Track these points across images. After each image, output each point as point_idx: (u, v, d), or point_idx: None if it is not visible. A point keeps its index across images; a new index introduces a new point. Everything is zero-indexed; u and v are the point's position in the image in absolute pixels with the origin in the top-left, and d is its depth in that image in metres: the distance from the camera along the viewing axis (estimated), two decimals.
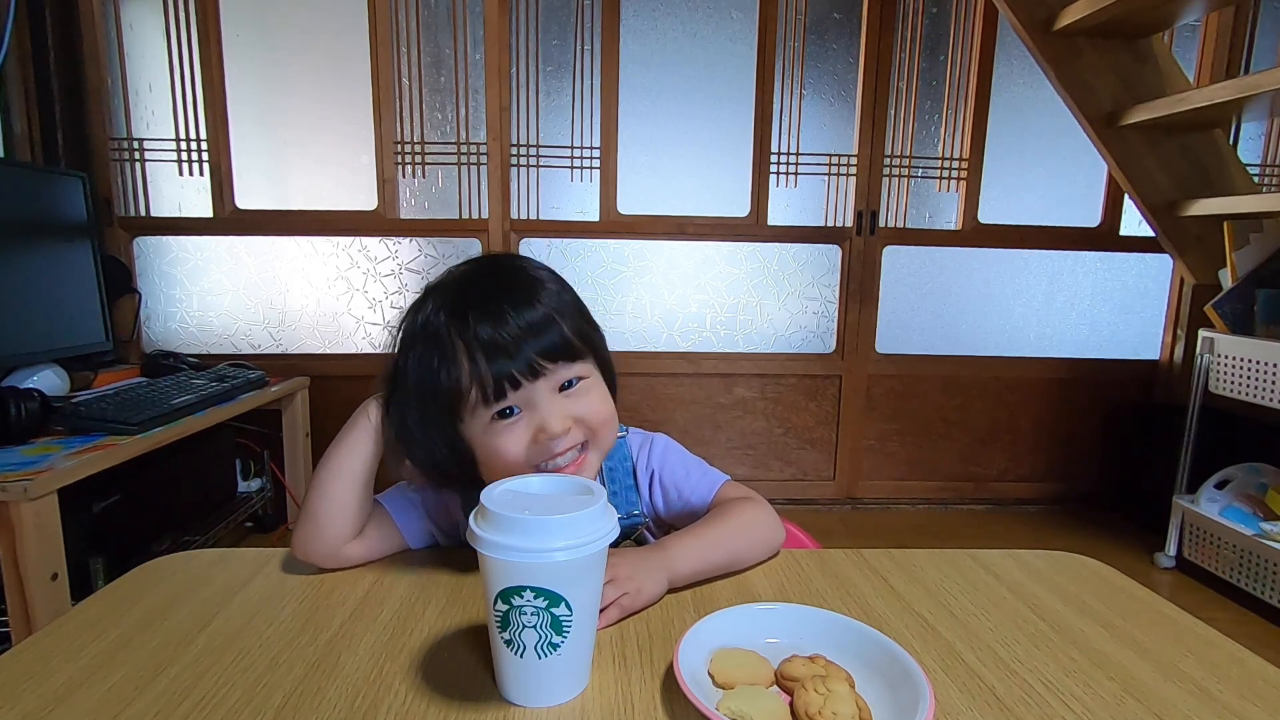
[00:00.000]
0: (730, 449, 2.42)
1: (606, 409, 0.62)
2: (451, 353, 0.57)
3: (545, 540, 0.43)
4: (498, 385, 0.57)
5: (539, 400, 0.58)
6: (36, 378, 1.52)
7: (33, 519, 1.08)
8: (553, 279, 0.63)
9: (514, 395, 0.57)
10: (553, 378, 0.59)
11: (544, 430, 0.57)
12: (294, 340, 2.29)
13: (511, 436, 0.58)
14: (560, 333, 0.59)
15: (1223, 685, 0.49)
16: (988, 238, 2.39)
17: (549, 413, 0.58)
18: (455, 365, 0.57)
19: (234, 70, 2.15)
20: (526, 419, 0.58)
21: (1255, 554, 1.73)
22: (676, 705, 0.45)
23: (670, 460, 0.73)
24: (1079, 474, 2.51)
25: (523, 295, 0.59)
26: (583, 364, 0.61)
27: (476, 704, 0.45)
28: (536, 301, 0.59)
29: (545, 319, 0.58)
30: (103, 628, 0.54)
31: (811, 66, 2.30)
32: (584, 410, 0.60)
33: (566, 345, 0.59)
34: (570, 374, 0.60)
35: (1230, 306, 1.86)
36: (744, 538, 0.65)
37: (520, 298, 0.59)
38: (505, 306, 0.57)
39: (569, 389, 0.60)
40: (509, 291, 0.59)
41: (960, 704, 0.46)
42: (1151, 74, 2.01)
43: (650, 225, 2.30)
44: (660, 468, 0.72)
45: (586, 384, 0.61)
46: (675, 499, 0.72)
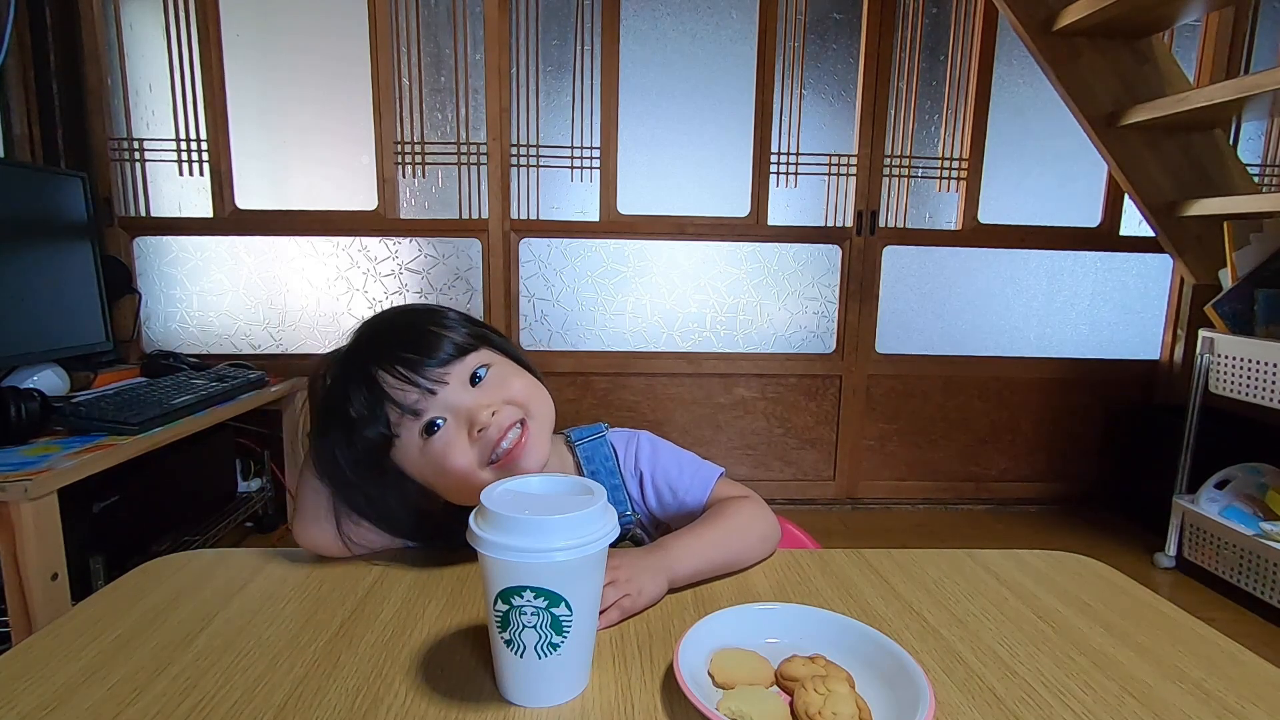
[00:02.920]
0: (730, 449, 2.42)
1: (527, 382, 0.64)
2: (363, 403, 0.59)
3: (545, 540, 0.43)
4: (413, 407, 0.58)
5: (455, 401, 0.59)
6: (36, 378, 1.52)
7: (33, 519, 1.08)
8: (430, 309, 0.65)
9: (431, 407, 0.59)
10: (456, 377, 0.60)
11: (473, 423, 0.58)
12: (294, 340, 2.29)
13: (449, 445, 0.59)
14: (446, 339, 0.61)
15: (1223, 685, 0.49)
16: (988, 238, 2.39)
17: (471, 406, 0.59)
18: (371, 410, 0.59)
19: (234, 70, 2.15)
20: (454, 424, 0.59)
21: (1255, 554, 1.73)
22: (676, 705, 0.45)
23: (661, 459, 0.72)
24: (1079, 474, 2.51)
25: (401, 329, 0.63)
26: (478, 354, 0.62)
27: (476, 704, 0.45)
28: (411, 327, 0.62)
29: (424, 335, 0.61)
30: (103, 628, 0.54)
31: (811, 66, 2.30)
32: (505, 392, 0.61)
33: (454, 346, 0.61)
34: (470, 366, 0.61)
35: (1230, 306, 1.86)
36: (743, 538, 0.65)
37: (399, 331, 0.62)
38: (391, 348, 0.60)
39: (479, 381, 0.61)
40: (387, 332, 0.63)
41: (960, 704, 0.46)
42: (1151, 74, 2.01)
43: (650, 225, 2.30)
44: (652, 469, 0.72)
45: (494, 370, 0.62)
46: (670, 499, 0.71)
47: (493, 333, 0.67)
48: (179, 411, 1.48)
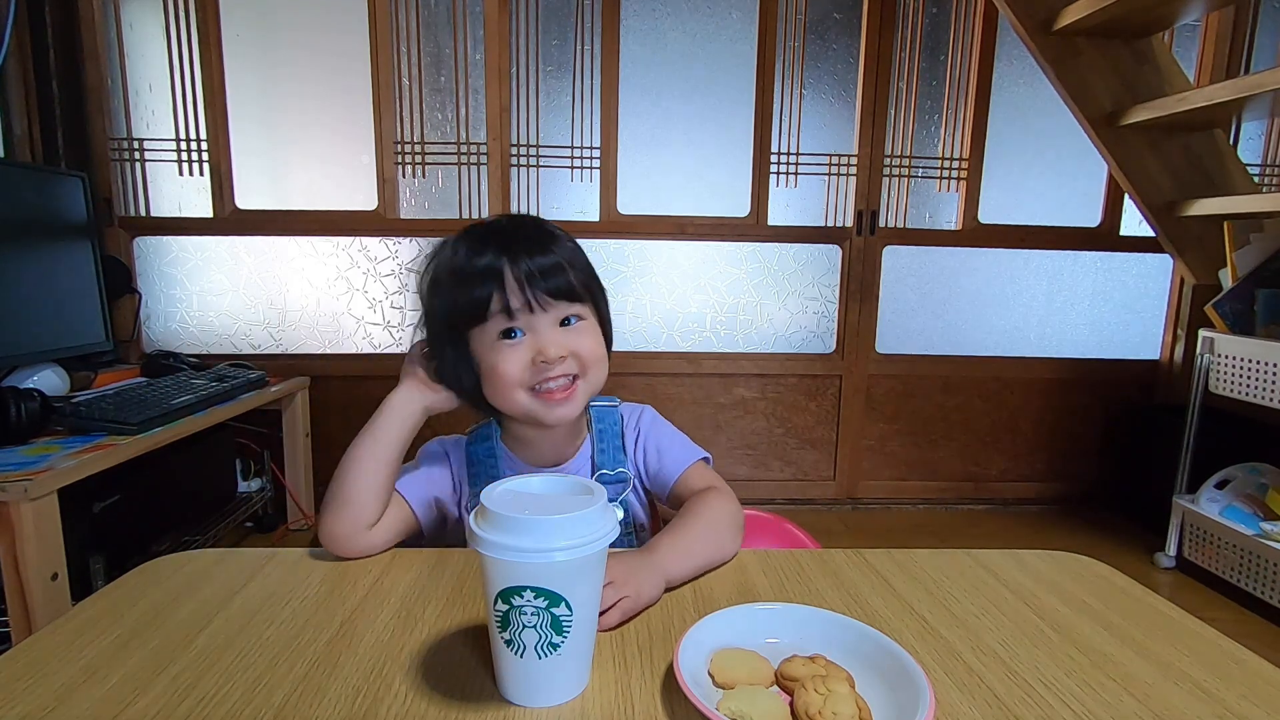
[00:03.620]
0: (730, 449, 2.43)
1: (599, 349, 0.69)
2: (468, 277, 0.65)
3: (545, 540, 0.43)
4: (506, 307, 0.64)
5: (540, 328, 0.65)
6: (36, 378, 1.52)
7: (33, 519, 1.08)
8: (569, 239, 0.71)
9: (520, 319, 0.65)
10: (554, 312, 0.66)
11: (541, 354, 0.65)
12: (294, 340, 2.29)
13: (513, 355, 0.65)
14: (567, 277, 0.66)
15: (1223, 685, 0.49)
16: (988, 238, 2.39)
17: (548, 340, 0.65)
18: (471, 287, 0.65)
19: (234, 70, 2.15)
20: (528, 343, 0.66)
21: (1255, 554, 1.73)
22: (676, 705, 0.45)
23: (658, 428, 0.80)
24: (1079, 474, 2.51)
25: (538, 240, 0.67)
26: (583, 306, 0.68)
27: (476, 704, 0.45)
28: (550, 249, 0.67)
29: (555, 263, 0.66)
30: (103, 628, 0.54)
31: (811, 66, 2.30)
32: (579, 345, 0.67)
33: (570, 287, 0.66)
34: (571, 312, 0.67)
35: (1230, 306, 1.86)
36: (721, 531, 0.68)
37: (536, 241, 0.67)
38: (521, 245, 0.66)
39: (568, 325, 0.67)
40: (527, 235, 0.68)
41: (960, 704, 0.46)
42: (1151, 74, 2.01)
43: (650, 225, 2.30)
44: (647, 432, 0.79)
45: (584, 324, 0.68)
46: (655, 463, 0.77)
47: (600, 292, 0.72)
48: (179, 411, 1.48)
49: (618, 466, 0.75)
